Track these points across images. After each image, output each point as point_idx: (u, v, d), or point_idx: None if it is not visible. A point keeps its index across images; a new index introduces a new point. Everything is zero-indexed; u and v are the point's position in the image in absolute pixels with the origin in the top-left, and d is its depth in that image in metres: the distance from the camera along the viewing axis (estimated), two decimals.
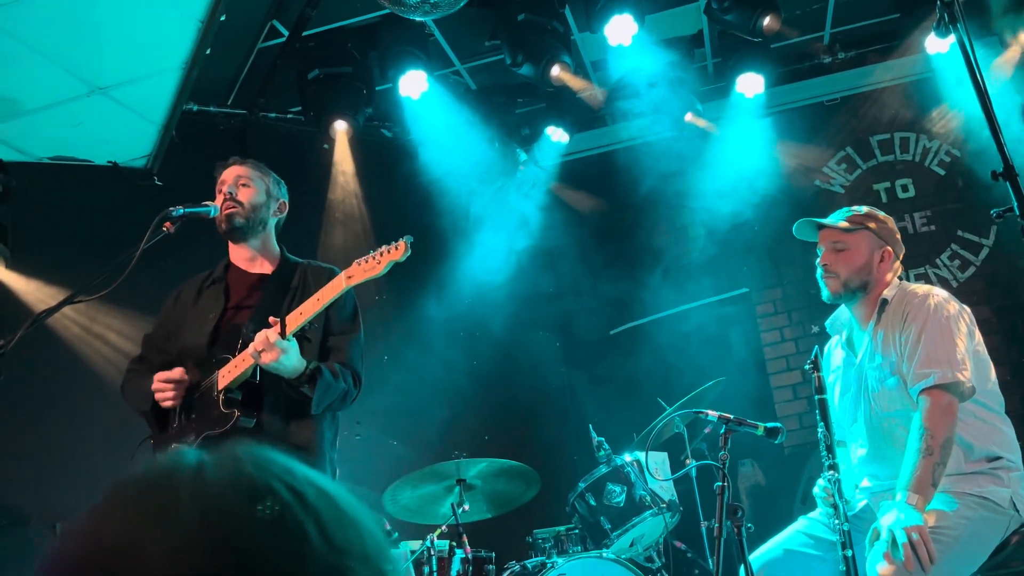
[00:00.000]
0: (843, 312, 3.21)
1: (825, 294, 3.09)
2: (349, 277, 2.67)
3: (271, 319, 2.68)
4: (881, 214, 3.14)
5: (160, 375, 2.77)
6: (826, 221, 3.12)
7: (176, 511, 0.58)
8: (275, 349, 2.59)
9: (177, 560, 0.55)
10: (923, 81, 6.25)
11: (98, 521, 0.60)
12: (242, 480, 0.60)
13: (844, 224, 3.07)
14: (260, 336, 2.62)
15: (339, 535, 0.60)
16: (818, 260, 3.11)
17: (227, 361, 2.76)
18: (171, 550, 0.55)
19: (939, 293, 2.93)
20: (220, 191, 3.04)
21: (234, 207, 2.98)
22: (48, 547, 0.61)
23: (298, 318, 2.69)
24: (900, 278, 3.10)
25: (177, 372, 2.77)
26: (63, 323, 4.56)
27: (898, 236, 3.14)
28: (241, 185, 3.03)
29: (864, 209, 3.15)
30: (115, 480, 0.63)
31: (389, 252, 2.60)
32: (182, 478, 0.60)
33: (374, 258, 2.63)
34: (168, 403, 2.76)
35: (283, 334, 2.65)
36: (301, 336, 2.77)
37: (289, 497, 0.60)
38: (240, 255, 3.07)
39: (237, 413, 2.69)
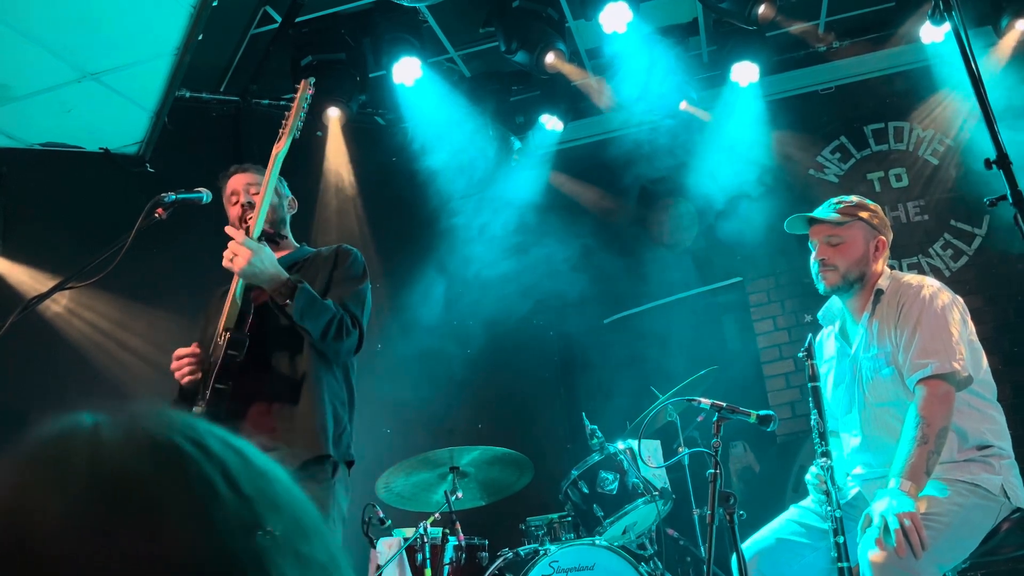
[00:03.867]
0: (835, 303, 3.21)
1: (821, 288, 3.07)
2: (278, 141, 2.84)
3: (229, 230, 2.78)
4: (870, 203, 3.13)
5: (177, 351, 2.82)
6: (818, 215, 3.09)
7: (70, 474, 0.55)
8: (244, 249, 2.63)
9: (73, 526, 0.52)
10: (918, 70, 6.25)
11: None
12: (139, 436, 0.58)
13: (838, 217, 3.05)
14: (228, 246, 2.69)
15: (248, 485, 0.57)
16: (812, 255, 3.09)
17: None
18: (66, 515, 0.53)
19: (932, 283, 2.94)
20: (233, 203, 3.03)
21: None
22: None
23: (256, 212, 2.80)
24: (890, 267, 3.11)
25: (193, 346, 2.83)
26: (54, 309, 4.55)
27: (886, 225, 3.14)
28: (252, 193, 3.01)
29: (854, 198, 3.12)
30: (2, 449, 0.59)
31: (295, 97, 2.86)
32: (76, 440, 0.58)
33: (287, 115, 2.86)
34: (187, 378, 2.79)
35: (248, 232, 2.72)
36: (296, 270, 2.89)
37: (192, 450, 0.57)
38: None
39: (228, 335, 2.71)
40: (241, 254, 2.63)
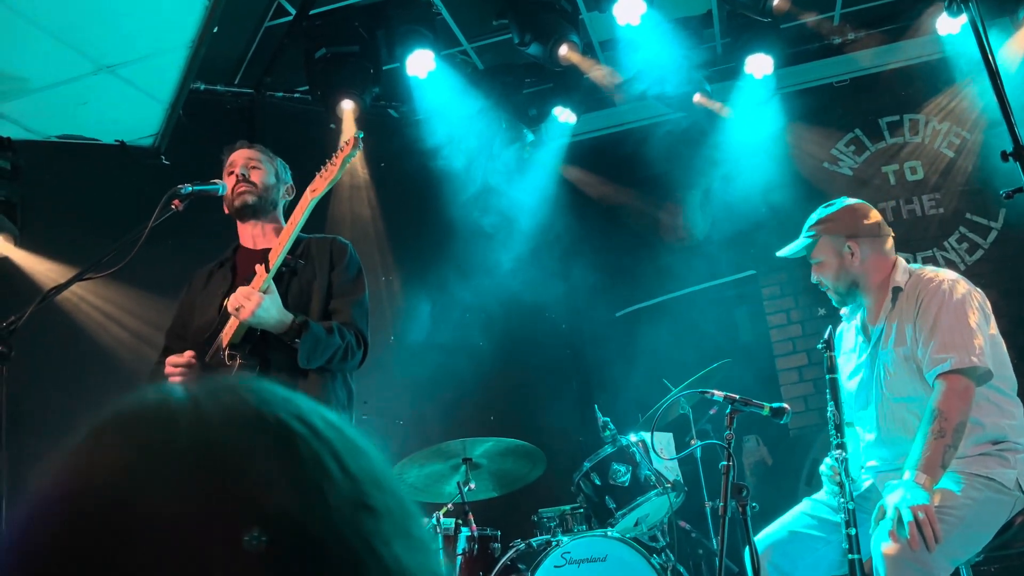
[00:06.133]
0: None
1: (834, 303, 3.19)
2: (313, 190, 2.75)
3: (257, 267, 2.72)
4: (836, 208, 3.10)
5: (171, 359, 2.77)
6: (789, 250, 3.15)
7: (174, 445, 0.52)
8: (252, 300, 2.62)
9: (180, 499, 0.50)
10: (934, 62, 6.20)
11: (84, 460, 0.54)
12: (244, 412, 0.55)
13: (805, 243, 3.10)
14: (236, 292, 2.65)
15: (353, 464, 0.56)
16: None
17: (228, 319, 2.79)
18: (172, 488, 0.50)
19: (950, 275, 2.93)
20: (230, 173, 3.06)
21: (246, 187, 3.01)
22: (30, 490, 0.55)
23: (277, 249, 2.73)
24: (906, 260, 3.09)
25: (187, 355, 2.78)
26: (72, 300, 4.58)
27: (864, 219, 3.06)
28: (251, 167, 3.05)
29: (819, 212, 3.13)
30: (95, 416, 0.56)
31: (342, 151, 2.70)
32: (176, 410, 0.55)
33: (331, 163, 2.73)
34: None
35: (267, 268, 2.69)
36: (290, 274, 2.85)
37: (301, 428, 0.55)
38: (248, 235, 3.09)
39: (239, 360, 2.71)
40: (247, 306, 2.62)
